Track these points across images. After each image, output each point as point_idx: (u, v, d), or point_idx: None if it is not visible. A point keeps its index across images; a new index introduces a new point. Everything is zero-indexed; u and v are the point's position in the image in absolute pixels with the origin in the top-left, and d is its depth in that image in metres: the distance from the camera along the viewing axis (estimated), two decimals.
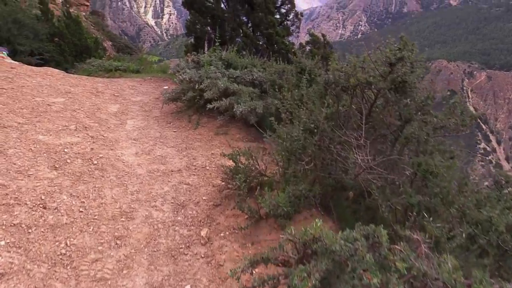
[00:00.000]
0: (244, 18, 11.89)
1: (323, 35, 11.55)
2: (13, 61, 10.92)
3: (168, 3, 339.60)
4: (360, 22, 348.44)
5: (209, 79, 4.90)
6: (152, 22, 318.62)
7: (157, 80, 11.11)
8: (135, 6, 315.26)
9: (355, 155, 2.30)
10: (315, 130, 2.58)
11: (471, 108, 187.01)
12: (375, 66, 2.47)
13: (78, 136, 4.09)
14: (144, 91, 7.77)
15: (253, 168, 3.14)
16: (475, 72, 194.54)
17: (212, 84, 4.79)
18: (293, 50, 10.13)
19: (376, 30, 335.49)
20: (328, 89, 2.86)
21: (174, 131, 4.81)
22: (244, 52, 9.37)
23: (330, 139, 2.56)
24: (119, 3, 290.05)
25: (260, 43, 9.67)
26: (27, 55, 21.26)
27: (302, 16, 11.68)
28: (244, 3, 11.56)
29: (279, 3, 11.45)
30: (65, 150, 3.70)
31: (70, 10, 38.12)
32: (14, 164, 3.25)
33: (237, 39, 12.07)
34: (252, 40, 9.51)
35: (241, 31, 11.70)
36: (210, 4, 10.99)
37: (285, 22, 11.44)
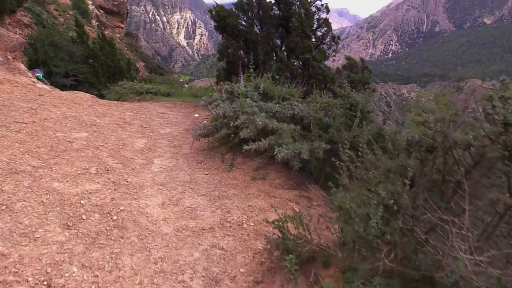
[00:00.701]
0: (277, 41, 11.45)
1: (362, 59, 10.91)
2: (44, 85, 10.84)
3: (200, 24, 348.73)
4: (391, 42, 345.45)
5: (245, 115, 4.36)
6: (184, 42, 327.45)
7: (188, 106, 10.74)
8: (168, 27, 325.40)
9: (455, 246, 1.66)
10: (397, 209, 1.95)
11: None
12: (480, 125, 1.83)
13: (98, 182, 3.60)
14: (174, 120, 7.33)
15: (304, 240, 2.52)
16: None
17: (249, 121, 4.24)
18: (331, 76, 9.54)
19: (407, 49, 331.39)
20: (412, 152, 2.22)
21: (206, 174, 4.27)
22: (277, 77, 8.85)
23: (414, 218, 1.92)
24: (153, 24, 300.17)
25: (296, 68, 9.13)
26: (62, 76, 21.71)
27: (339, 39, 11.10)
28: (278, 26, 11.12)
29: (315, 26, 10.94)
30: (82, 201, 3.20)
31: (105, 32, 39.21)
32: (20, 223, 2.76)
33: (270, 62, 11.62)
34: (287, 65, 8.99)
35: (274, 55, 11.24)
36: (243, 28, 10.62)
37: (321, 46, 10.88)
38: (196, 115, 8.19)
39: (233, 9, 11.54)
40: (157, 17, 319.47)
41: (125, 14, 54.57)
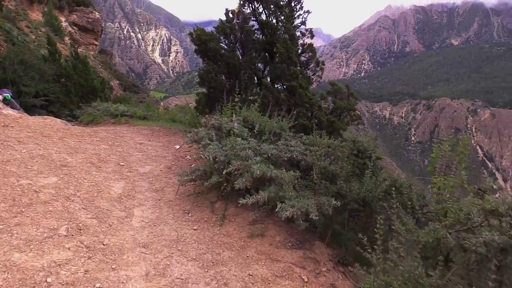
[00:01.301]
0: (260, 66, 11.11)
1: (347, 86, 10.68)
2: (10, 111, 10.05)
3: (175, 41, 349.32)
4: (363, 61, 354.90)
5: (238, 160, 3.88)
6: (159, 59, 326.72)
7: (167, 133, 10.16)
8: (143, 44, 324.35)
9: None
10: None
11: (478, 147, 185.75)
12: None
13: (69, 248, 3.01)
14: (153, 154, 6.76)
15: None
16: (479, 109, 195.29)
17: (244, 167, 3.76)
18: (318, 104, 9.20)
19: (379, 68, 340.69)
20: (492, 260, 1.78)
21: (195, 229, 3.73)
22: (263, 106, 8.48)
23: None
24: (128, 41, 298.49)
25: (281, 95, 8.75)
26: (32, 96, 20.70)
27: (323, 65, 10.86)
28: (261, 51, 10.80)
29: (300, 50, 10.67)
30: (48, 279, 2.61)
31: (79, 49, 38.21)
32: None
33: (251, 88, 11.24)
34: (272, 93, 8.61)
35: (256, 80, 10.88)
36: (225, 52, 10.22)
37: (306, 71, 10.60)
38: (177, 147, 7.64)
39: (214, 33, 11.17)
40: (132, 34, 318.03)
41: (99, 32, 53.73)
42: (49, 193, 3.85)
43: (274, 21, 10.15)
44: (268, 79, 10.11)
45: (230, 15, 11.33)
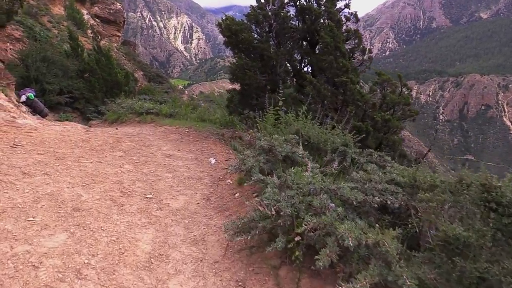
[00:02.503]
0: (297, 56, 9.79)
1: (399, 76, 9.26)
2: (28, 120, 9.16)
3: (197, 28, 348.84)
4: (388, 39, 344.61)
5: (313, 216, 2.70)
6: (181, 47, 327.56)
7: (197, 138, 9.06)
8: (165, 32, 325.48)
9: None
10: None
11: (508, 123, 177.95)
12: None
13: None
14: (186, 174, 5.65)
15: None
16: (510, 85, 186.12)
17: (323, 228, 2.58)
18: (372, 102, 7.86)
19: (404, 46, 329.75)
20: None
21: None
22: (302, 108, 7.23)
23: None
24: (150, 30, 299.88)
25: (330, 93, 7.46)
26: (56, 94, 20.07)
27: (370, 52, 9.46)
28: (299, 40, 9.48)
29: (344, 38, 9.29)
30: None
31: (102, 42, 37.64)
32: None
33: (288, 82, 10.00)
34: (319, 91, 7.33)
35: (294, 76, 9.60)
36: (259, 44, 8.95)
37: (351, 61, 9.22)
38: (212, 161, 6.52)
39: (245, 21, 9.91)
40: (154, 22, 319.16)
41: (121, 23, 53.08)
42: (53, 268, 2.78)
43: (315, 5, 8.78)
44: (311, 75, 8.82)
45: (262, 0, 10.02)
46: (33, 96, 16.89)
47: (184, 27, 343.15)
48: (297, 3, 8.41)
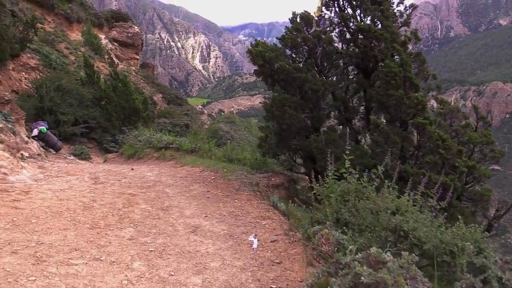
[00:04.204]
0: (345, 87, 8.06)
1: (474, 107, 7.42)
2: (22, 174, 7.65)
3: (214, 47, 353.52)
4: None
5: None
6: (199, 66, 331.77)
7: (227, 191, 7.38)
8: (183, 52, 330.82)
9: None
10: None
11: None
12: None
13: None
14: (220, 276, 3.93)
15: None
16: None
17: None
18: (458, 149, 6.00)
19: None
20: None
21: None
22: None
23: None
24: (168, 51, 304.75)
25: (403, 138, 5.66)
26: (71, 124, 18.80)
27: (435, 78, 7.66)
28: (347, 67, 7.78)
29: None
30: None
31: (121, 65, 36.82)
32: None
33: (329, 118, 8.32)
34: (387, 136, 5.55)
35: (343, 111, 7.85)
36: (299, 74, 7.26)
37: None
38: (254, 244, 4.76)
39: (280, 46, 8.32)
40: (172, 43, 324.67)
41: (140, 45, 52.77)
42: None
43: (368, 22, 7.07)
44: (365, 112, 7.08)
45: (298, 20, 8.40)
46: (45, 130, 15.63)
47: (202, 46, 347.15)
48: (350, 23, 6.70)
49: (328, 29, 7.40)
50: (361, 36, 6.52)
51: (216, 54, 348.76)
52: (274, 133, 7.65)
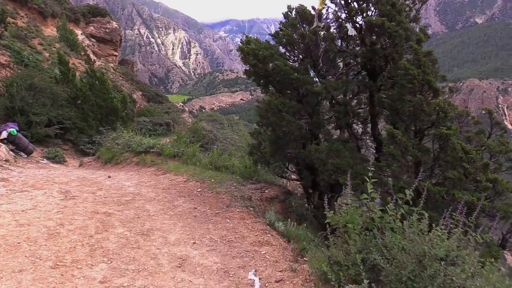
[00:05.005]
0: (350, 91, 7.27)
1: (489, 111, 6.76)
2: None
3: (195, 43, 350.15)
4: None
5: None
6: (180, 62, 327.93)
7: (217, 206, 6.52)
8: (163, 49, 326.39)
9: None
10: None
11: (509, 126, 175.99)
12: None
13: None
14: None
15: None
16: (509, 88, 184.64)
17: None
18: (486, 162, 5.27)
19: None
20: None
21: None
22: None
23: None
24: (148, 47, 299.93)
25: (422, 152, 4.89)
26: (44, 125, 17.57)
27: (445, 79, 6.96)
28: (349, 69, 6.99)
29: None
30: None
31: (98, 62, 35.24)
32: None
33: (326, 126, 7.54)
34: (404, 148, 4.78)
35: (347, 115, 7.05)
36: (297, 75, 6.42)
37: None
38: (256, 283, 3.92)
39: (275, 44, 7.50)
40: (151, 39, 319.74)
41: (118, 42, 51.15)
42: None
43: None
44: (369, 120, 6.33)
45: (293, 15, 7.59)
46: (15, 132, 14.39)
47: (182, 43, 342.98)
48: (359, 18, 5.88)
49: (332, 24, 6.57)
50: (371, 33, 5.72)
51: (196, 51, 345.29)
52: (269, 141, 6.79)
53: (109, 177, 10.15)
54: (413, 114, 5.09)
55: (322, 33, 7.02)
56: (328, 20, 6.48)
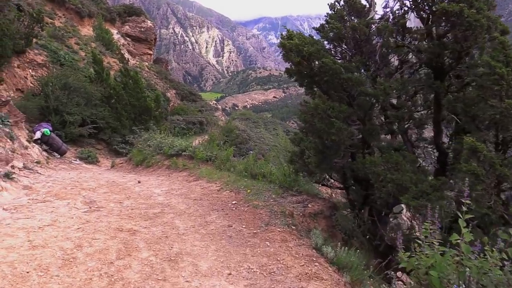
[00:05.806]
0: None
1: None
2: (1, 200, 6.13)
3: (228, 41, 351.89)
4: None
5: None
6: (213, 61, 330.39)
7: (254, 225, 5.70)
8: (197, 47, 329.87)
9: None
10: None
11: None
12: None
13: None
14: None
15: None
16: None
17: None
18: None
19: None
20: None
21: None
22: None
23: None
24: (182, 46, 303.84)
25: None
26: (78, 125, 17.42)
27: None
28: (426, 67, 5.99)
29: None
30: None
31: (133, 61, 35.26)
32: None
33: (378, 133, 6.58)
34: (491, 167, 3.81)
35: (390, 123, 6.07)
36: (351, 75, 5.49)
37: None
38: None
39: (320, 40, 6.59)
40: (186, 38, 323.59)
41: (153, 40, 51.37)
42: None
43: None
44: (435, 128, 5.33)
45: (340, 5, 6.65)
46: (49, 132, 14.24)
47: (216, 41, 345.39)
48: (428, 6, 4.89)
49: (393, 15, 5.62)
50: (442, 23, 4.73)
51: (230, 49, 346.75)
52: (314, 149, 5.92)
53: (139, 182, 9.61)
54: (497, 122, 4.09)
55: (373, 25, 6.08)
56: (388, 9, 5.50)
